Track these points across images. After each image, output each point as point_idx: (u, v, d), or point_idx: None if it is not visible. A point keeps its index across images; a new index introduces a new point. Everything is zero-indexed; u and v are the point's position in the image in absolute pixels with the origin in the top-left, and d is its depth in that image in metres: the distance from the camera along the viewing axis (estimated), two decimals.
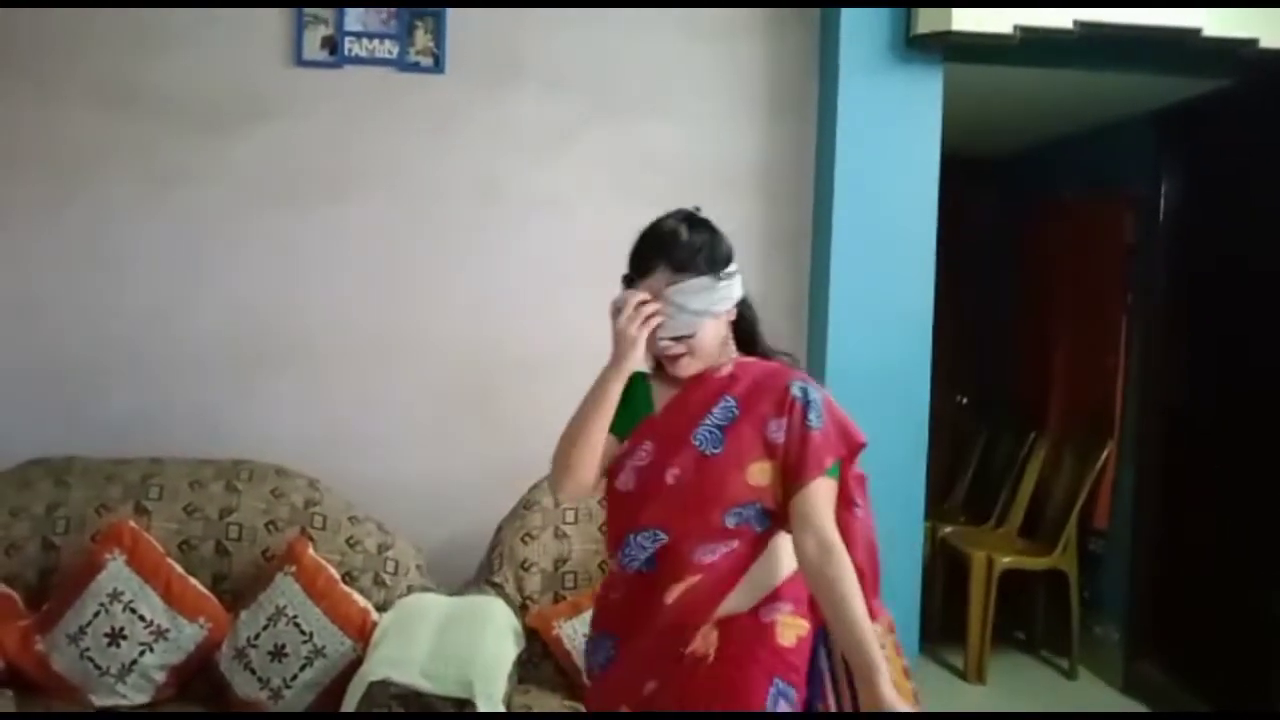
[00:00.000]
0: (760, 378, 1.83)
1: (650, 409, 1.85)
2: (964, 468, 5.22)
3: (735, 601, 1.76)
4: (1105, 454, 4.25)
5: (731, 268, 1.86)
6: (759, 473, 1.76)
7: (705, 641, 1.75)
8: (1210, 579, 3.81)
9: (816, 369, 3.22)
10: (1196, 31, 3.01)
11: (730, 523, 1.76)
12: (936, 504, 4.76)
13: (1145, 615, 4.16)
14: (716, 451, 1.77)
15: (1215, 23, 3.01)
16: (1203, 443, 3.93)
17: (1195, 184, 4.04)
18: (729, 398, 1.80)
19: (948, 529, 4.66)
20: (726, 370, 1.84)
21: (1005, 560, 4.25)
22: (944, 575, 4.58)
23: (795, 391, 1.79)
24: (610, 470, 1.84)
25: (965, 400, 5.50)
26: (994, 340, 5.49)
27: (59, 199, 3.12)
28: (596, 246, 3.26)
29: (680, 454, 1.78)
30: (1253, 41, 3.04)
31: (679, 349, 1.81)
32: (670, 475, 1.77)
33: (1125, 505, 4.28)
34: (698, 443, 1.78)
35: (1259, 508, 3.56)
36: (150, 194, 3.14)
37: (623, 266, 3.36)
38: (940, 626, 4.41)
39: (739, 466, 1.76)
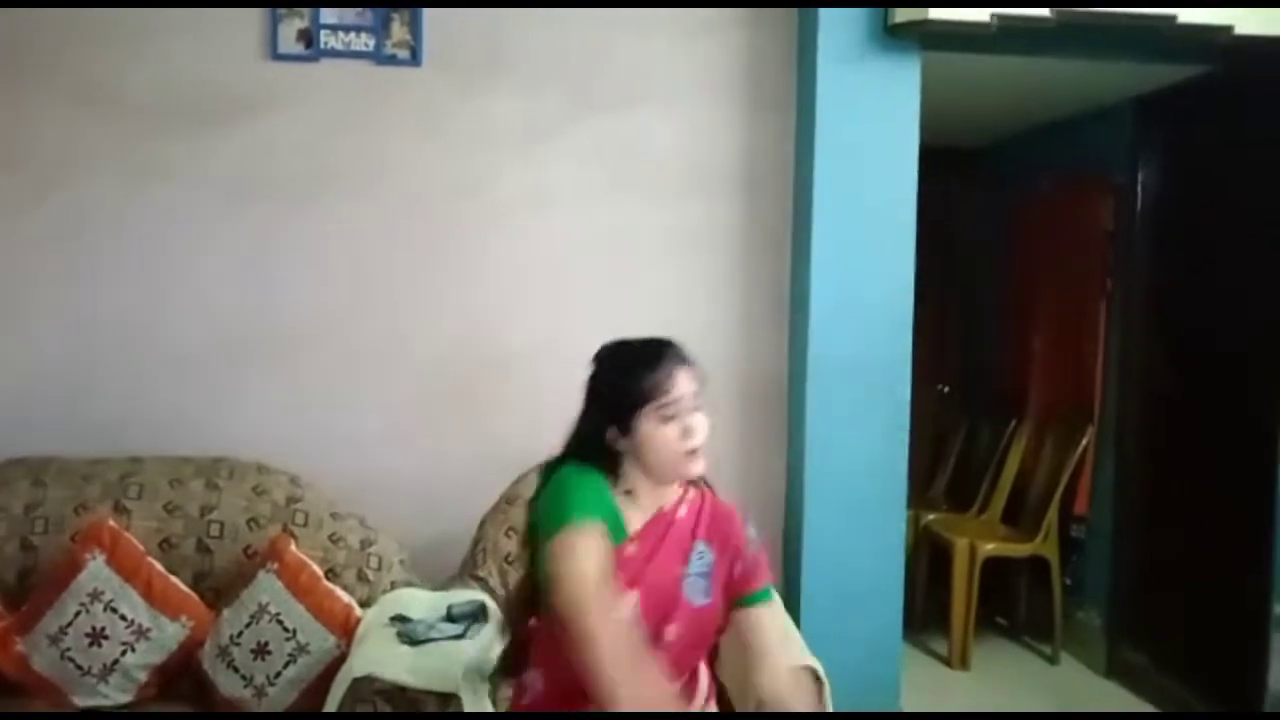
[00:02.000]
0: (717, 517, 1.88)
1: (623, 537, 1.81)
2: (946, 456, 5.25)
3: None
4: (1086, 441, 4.27)
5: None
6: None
7: None
8: (1191, 564, 3.84)
9: (798, 359, 3.23)
10: (1171, 19, 3.03)
11: None
12: (919, 492, 4.78)
13: (1127, 601, 4.19)
14: (706, 602, 1.82)
15: (1190, 10, 3.02)
16: (1182, 428, 3.96)
17: (1173, 170, 4.06)
18: (701, 545, 1.84)
19: (930, 517, 4.68)
20: (683, 509, 1.87)
21: (988, 547, 4.27)
22: (927, 563, 4.61)
23: (750, 533, 1.88)
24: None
25: (947, 389, 5.52)
26: (975, 329, 5.51)
27: (34, 198, 3.09)
28: (577, 241, 3.28)
29: (676, 610, 1.79)
30: (1227, 28, 3.05)
31: (699, 442, 1.82)
32: (670, 632, 1.77)
33: (1106, 491, 4.31)
34: (689, 596, 1.80)
35: (1238, 492, 3.59)
36: (127, 192, 3.11)
37: (604, 262, 3.38)
38: (924, 614, 4.44)
39: (719, 608, 1.84)
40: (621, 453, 1.81)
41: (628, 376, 1.81)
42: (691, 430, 1.80)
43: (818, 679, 2.45)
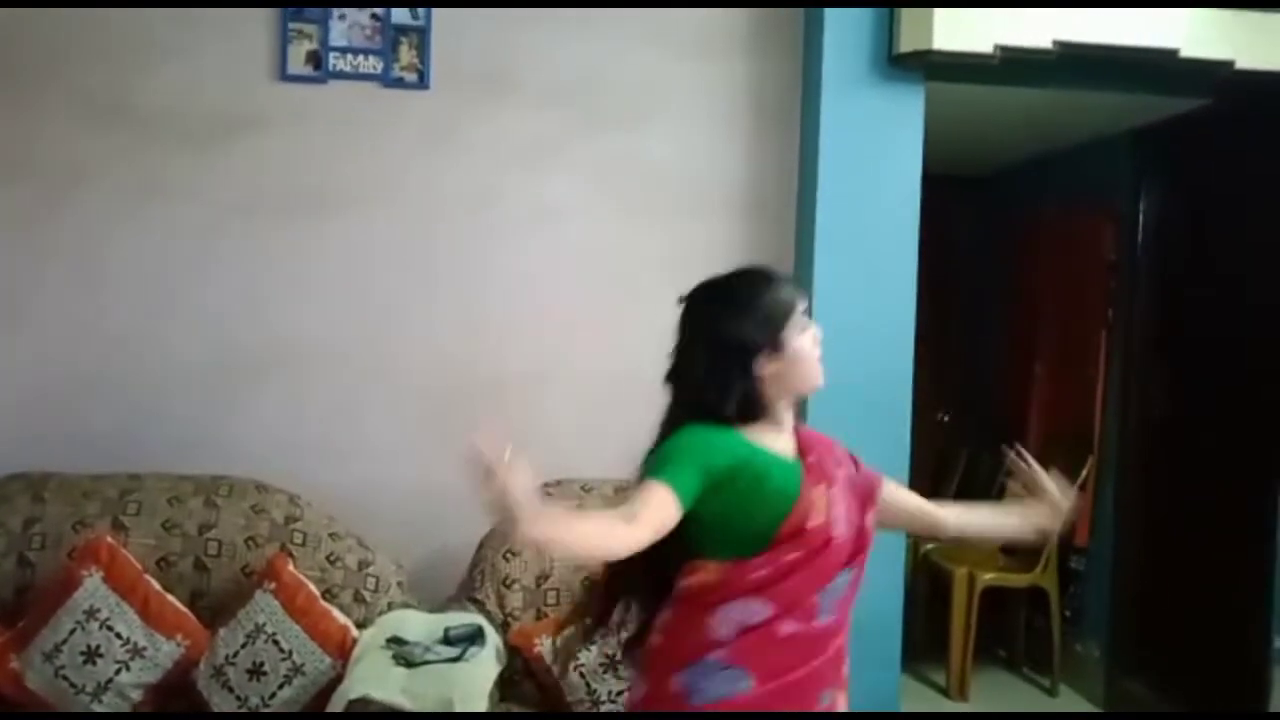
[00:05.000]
0: (813, 438, 1.89)
1: (795, 469, 1.74)
2: (946, 485, 5.23)
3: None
4: (1086, 471, 4.26)
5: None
6: None
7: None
8: (1192, 595, 3.82)
9: None
10: (1174, 52, 3.05)
11: None
12: None
13: (1126, 632, 4.17)
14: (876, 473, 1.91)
15: (1192, 44, 3.05)
16: (1183, 459, 3.95)
17: (1174, 201, 4.08)
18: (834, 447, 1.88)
19: (929, 546, 4.66)
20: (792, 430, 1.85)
21: (987, 577, 4.25)
22: (926, 592, 4.59)
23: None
24: (826, 523, 1.70)
25: (947, 418, 5.52)
26: (976, 357, 5.51)
27: (40, 212, 3.10)
28: (583, 261, 3.29)
29: (871, 486, 1.87)
30: (1229, 63, 3.08)
31: None
32: (869, 519, 1.85)
33: (1106, 522, 4.30)
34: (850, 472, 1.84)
35: (1239, 522, 3.58)
36: (133, 208, 3.12)
37: (608, 280, 3.39)
38: (923, 643, 4.41)
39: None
40: (758, 387, 1.72)
41: (770, 290, 1.74)
42: (816, 336, 1.80)
43: None
